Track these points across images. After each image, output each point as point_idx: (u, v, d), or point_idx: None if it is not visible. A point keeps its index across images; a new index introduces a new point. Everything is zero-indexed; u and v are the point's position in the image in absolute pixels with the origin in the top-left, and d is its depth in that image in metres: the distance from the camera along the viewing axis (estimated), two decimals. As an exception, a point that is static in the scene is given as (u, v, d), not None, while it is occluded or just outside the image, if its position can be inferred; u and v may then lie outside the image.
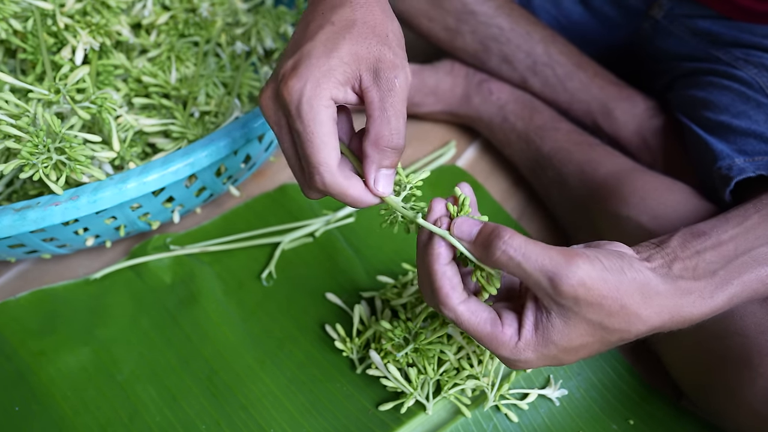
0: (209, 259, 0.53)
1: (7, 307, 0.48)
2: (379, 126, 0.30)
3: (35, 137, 0.39)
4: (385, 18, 0.32)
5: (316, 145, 0.30)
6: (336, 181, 0.31)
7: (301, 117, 0.30)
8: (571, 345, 0.30)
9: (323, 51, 0.30)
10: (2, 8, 0.45)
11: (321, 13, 0.32)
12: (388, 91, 0.30)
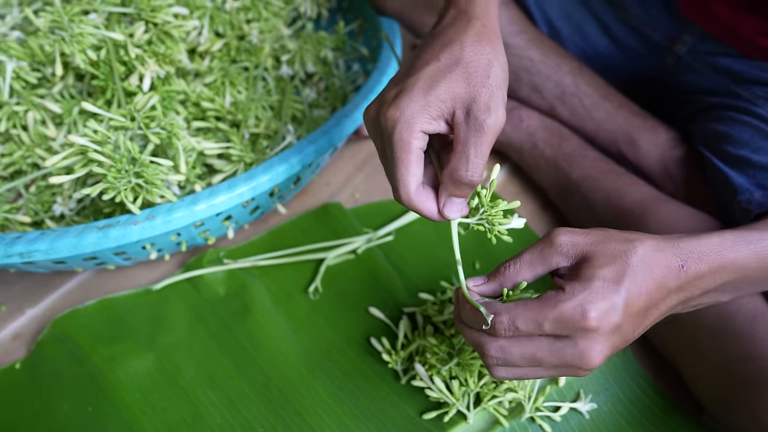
0: (258, 273, 0.56)
1: (77, 314, 0.52)
2: (458, 161, 0.34)
3: (119, 163, 0.43)
4: (491, 58, 0.34)
5: (400, 169, 0.34)
6: (411, 200, 0.35)
7: (392, 143, 0.34)
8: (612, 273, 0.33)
9: (423, 87, 0.33)
10: (81, 41, 0.49)
11: (432, 48, 0.35)
12: (476, 130, 0.33)
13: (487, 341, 0.34)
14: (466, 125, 0.34)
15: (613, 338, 0.33)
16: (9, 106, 0.52)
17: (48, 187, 0.53)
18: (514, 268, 0.35)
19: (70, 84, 0.56)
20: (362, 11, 0.73)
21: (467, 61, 0.34)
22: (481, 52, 0.35)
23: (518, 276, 0.35)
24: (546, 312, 0.32)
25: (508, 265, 0.36)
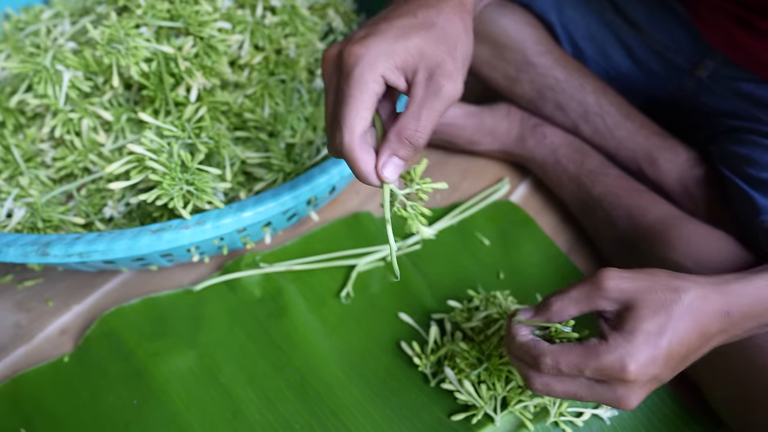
0: (292, 277, 0.59)
1: (122, 311, 0.55)
2: (409, 119, 0.33)
3: (173, 171, 0.46)
4: (462, 33, 0.35)
5: (351, 108, 0.32)
6: (353, 146, 0.33)
7: (349, 79, 0.32)
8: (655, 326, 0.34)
9: (395, 34, 0.33)
10: (136, 54, 0.52)
11: (408, 4, 0.35)
12: (433, 94, 0.33)
13: (533, 375, 0.37)
14: (425, 87, 0.33)
15: (651, 385, 0.35)
16: (64, 113, 0.55)
17: (98, 191, 0.56)
18: (560, 305, 0.36)
19: (119, 93, 0.59)
20: (392, 27, 0.76)
21: (441, 26, 0.34)
22: (456, 24, 0.35)
23: (564, 313, 0.37)
24: (588, 360, 0.34)
25: (555, 301, 0.37)
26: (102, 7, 0.61)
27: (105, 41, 0.52)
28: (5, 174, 0.56)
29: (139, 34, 0.54)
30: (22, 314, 0.57)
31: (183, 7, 0.58)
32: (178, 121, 0.52)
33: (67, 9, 0.66)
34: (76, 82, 0.55)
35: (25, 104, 0.56)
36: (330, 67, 0.35)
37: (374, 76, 0.33)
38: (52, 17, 0.66)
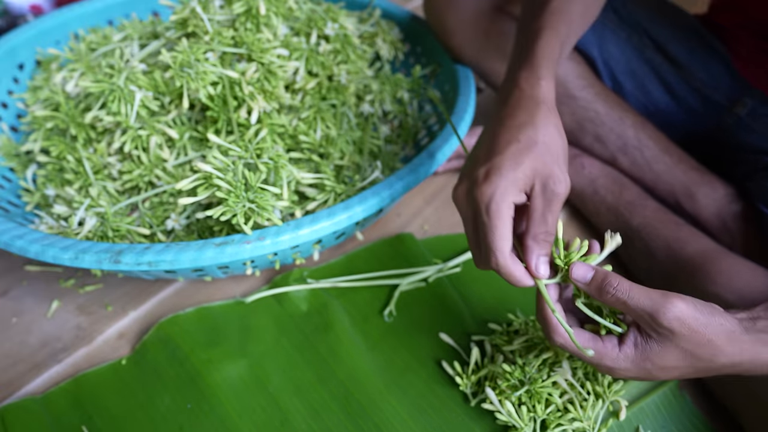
0: (337, 293, 0.62)
1: (178, 319, 0.57)
2: (539, 226, 0.39)
3: (238, 189, 0.49)
4: (559, 138, 0.41)
5: (497, 236, 0.38)
6: (507, 264, 0.39)
7: (489, 214, 0.38)
8: (665, 365, 0.38)
9: (511, 165, 0.39)
10: (204, 78, 0.56)
11: (509, 128, 0.41)
12: (550, 200, 0.39)
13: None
14: (542, 196, 0.39)
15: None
16: (134, 130, 0.59)
17: (161, 204, 0.59)
18: (617, 298, 0.38)
19: (183, 112, 0.63)
20: (436, 57, 0.79)
21: (542, 141, 0.40)
22: (551, 133, 0.41)
23: (617, 304, 0.38)
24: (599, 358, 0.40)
25: (616, 290, 0.38)
26: (171, 32, 0.65)
27: (177, 65, 0.56)
28: (76, 185, 0.60)
29: (206, 59, 0.58)
30: (83, 317, 0.60)
31: (246, 34, 0.62)
32: (242, 141, 0.55)
33: (137, 32, 0.71)
34: (146, 102, 0.59)
35: (98, 120, 0.60)
36: (463, 203, 0.41)
37: (507, 206, 0.39)
38: (122, 39, 0.71)
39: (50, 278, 0.64)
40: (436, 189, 0.76)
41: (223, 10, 0.65)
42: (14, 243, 0.49)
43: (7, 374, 0.55)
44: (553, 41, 0.46)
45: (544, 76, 0.43)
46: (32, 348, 0.57)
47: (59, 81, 0.67)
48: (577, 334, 0.40)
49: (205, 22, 0.60)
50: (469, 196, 0.40)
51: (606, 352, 0.39)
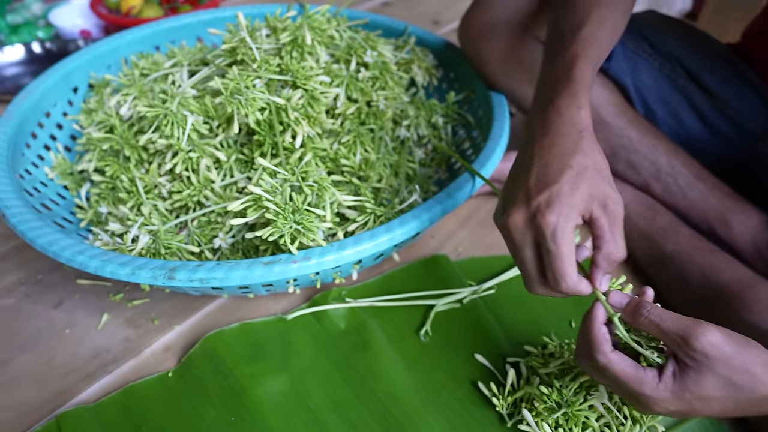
0: (373, 312, 0.63)
1: (223, 334, 0.60)
2: (610, 245, 0.41)
3: (286, 211, 0.52)
4: (603, 160, 0.43)
5: (566, 261, 0.40)
6: (576, 286, 0.41)
7: (555, 241, 0.40)
8: (704, 394, 0.38)
9: (569, 191, 0.40)
10: (253, 104, 0.59)
11: (558, 157, 0.42)
12: (614, 219, 0.41)
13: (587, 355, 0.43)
14: (606, 217, 0.41)
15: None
16: (185, 152, 0.62)
17: (208, 223, 0.62)
18: (651, 322, 0.40)
19: (230, 136, 0.66)
20: (469, 83, 0.81)
21: (592, 165, 0.42)
22: (597, 157, 0.43)
23: (650, 329, 0.40)
24: (631, 383, 0.40)
25: (651, 316, 0.40)
26: (220, 60, 0.68)
27: (229, 92, 0.59)
28: (129, 203, 0.63)
29: (254, 86, 0.61)
30: (131, 330, 0.63)
31: (292, 62, 0.65)
32: (288, 165, 0.58)
33: (186, 59, 0.75)
34: (197, 126, 0.62)
35: (151, 142, 0.64)
36: (521, 231, 0.42)
37: (570, 230, 0.40)
38: (172, 65, 0.75)
39: (100, 292, 0.67)
40: (469, 212, 0.78)
41: (269, 39, 0.69)
42: (75, 258, 0.52)
43: (61, 383, 0.57)
44: (588, 69, 0.47)
45: (583, 105, 0.45)
46: (84, 359, 0.60)
47: (113, 104, 0.71)
48: (619, 358, 0.41)
49: (253, 51, 0.64)
50: (530, 224, 0.41)
51: (646, 379, 0.40)
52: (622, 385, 0.41)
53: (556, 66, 0.49)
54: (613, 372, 0.41)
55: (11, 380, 0.58)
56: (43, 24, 1.18)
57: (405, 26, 0.89)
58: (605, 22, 0.50)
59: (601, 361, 0.41)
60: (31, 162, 0.71)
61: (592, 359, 0.42)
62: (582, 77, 0.47)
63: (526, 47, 0.70)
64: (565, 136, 0.43)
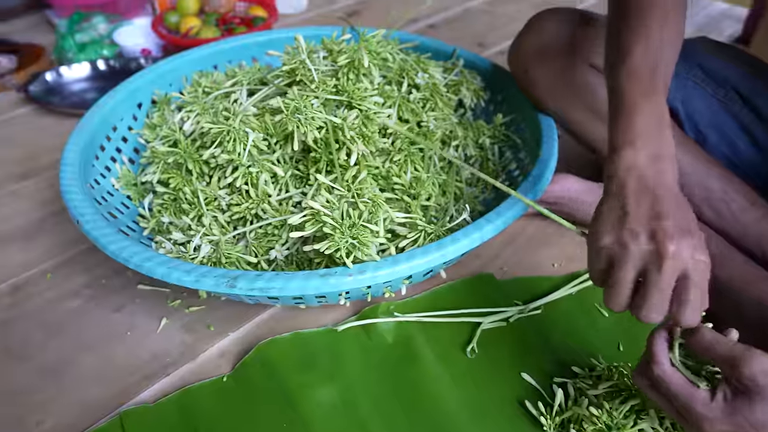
0: (420, 327, 0.64)
1: (276, 342, 0.62)
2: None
3: (342, 226, 0.54)
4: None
5: (664, 294, 0.42)
6: (662, 317, 0.43)
7: (665, 273, 0.41)
8: (756, 419, 0.39)
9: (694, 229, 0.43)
10: (312, 123, 0.62)
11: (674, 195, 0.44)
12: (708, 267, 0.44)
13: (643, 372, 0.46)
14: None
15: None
16: (245, 167, 0.65)
17: (265, 235, 0.64)
18: (705, 347, 0.42)
19: (287, 152, 0.69)
20: (517, 105, 0.83)
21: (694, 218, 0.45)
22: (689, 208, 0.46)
23: (704, 353, 0.42)
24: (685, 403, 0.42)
25: (706, 341, 0.42)
26: (279, 80, 0.72)
27: (290, 112, 0.62)
28: (191, 214, 0.66)
29: (311, 105, 0.64)
30: (188, 335, 0.65)
31: (348, 83, 0.68)
32: (343, 182, 0.60)
33: (245, 78, 0.79)
34: (257, 142, 0.65)
35: (213, 157, 0.67)
36: (632, 253, 0.43)
37: (679, 269, 0.42)
38: (232, 84, 0.78)
39: (159, 297, 0.70)
40: (515, 232, 0.78)
41: (326, 61, 0.72)
42: (143, 264, 0.55)
43: (123, 382, 0.60)
44: (664, 106, 0.49)
45: (671, 158, 0.47)
46: (144, 360, 0.63)
47: (177, 120, 0.75)
48: (674, 371, 0.42)
49: (312, 73, 0.67)
50: (644, 250, 0.42)
51: (698, 396, 0.41)
52: (675, 400, 0.42)
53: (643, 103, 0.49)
54: (667, 385, 0.42)
55: (77, 378, 0.61)
56: (108, 42, 1.25)
57: (453, 49, 0.92)
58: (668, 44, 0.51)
59: (657, 372, 0.42)
60: (100, 173, 0.75)
61: (648, 372, 0.43)
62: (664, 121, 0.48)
63: (576, 70, 0.71)
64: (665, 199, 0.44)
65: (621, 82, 0.50)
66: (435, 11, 1.51)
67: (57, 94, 1.15)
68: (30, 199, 0.87)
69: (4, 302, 0.70)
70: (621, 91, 0.50)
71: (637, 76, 0.50)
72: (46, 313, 0.69)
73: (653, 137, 0.46)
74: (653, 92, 0.48)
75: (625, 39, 0.52)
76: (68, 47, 1.23)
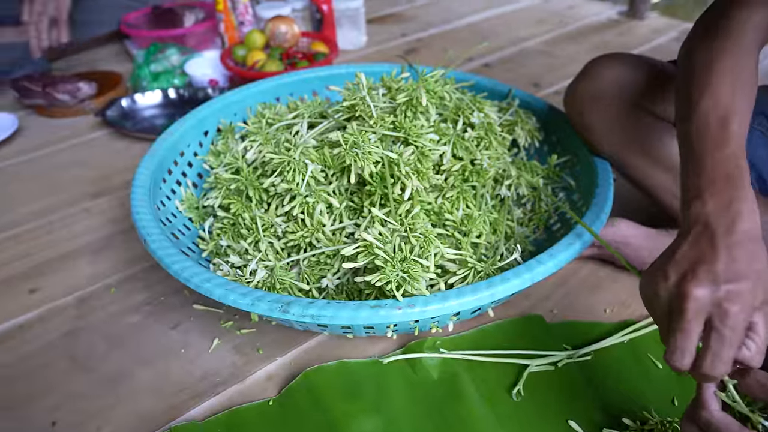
0: (466, 365, 0.64)
1: (322, 370, 0.63)
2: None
3: (394, 259, 0.55)
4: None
5: (731, 351, 0.41)
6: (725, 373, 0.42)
7: (734, 330, 0.41)
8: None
9: (754, 290, 0.42)
10: (370, 157, 0.64)
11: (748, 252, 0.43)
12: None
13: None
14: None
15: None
16: (302, 197, 0.67)
17: (317, 263, 0.66)
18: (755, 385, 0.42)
19: (342, 184, 0.71)
20: (571, 147, 0.83)
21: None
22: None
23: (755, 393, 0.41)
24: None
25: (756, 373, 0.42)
26: (338, 115, 0.75)
27: (348, 146, 0.65)
28: (249, 239, 0.69)
29: (369, 140, 0.66)
30: (238, 356, 0.68)
31: (405, 120, 0.70)
32: (397, 216, 0.62)
33: (307, 111, 0.82)
34: (315, 173, 0.68)
35: (273, 186, 0.70)
36: (700, 306, 0.43)
37: (745, 325, 0.42)
38: (294, 117, 0.82)
39: (213, 318, 0.73)
40: (567, 275, 0.77)
41: (385, 97, 0.74)
42: (203, 285, 0.58)
43: (175, 398, 0.63)
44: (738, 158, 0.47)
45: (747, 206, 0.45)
46: (195, 378, 0.65)
47: (241, 149, 0.79)
48: (724, 416, 0.41)
49: (371, 109, 0.69)
50: (714, 304, 0.42)
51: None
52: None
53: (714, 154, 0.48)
54: (716, 428, 0.41)
55: (134, 390, 0.64)
56: (179, 73, 1.33)
57: (509, 89, 0.93)
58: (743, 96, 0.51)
59: (705, 417, 0.42)
60: (166, 195, 0.80)
61: (697, 417, 0.42)
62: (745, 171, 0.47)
63: (634, 116, 0.71)
64: (750, 237, 0.43)
65: (691, 135, 0.50)
66: (491, 51, 1.53)
67: (130, 119, 1.23)
68: (101, 217, 0.93)
69: (71, 313, 0.75)
70: (691, 144, 0.49)
71: (706, 129, 0.49)
72: (109, 326, 0.72)
73: (724, 188, 0.45)
74: (724, 144, 0.47)
75: (694, 91, 0.52)
76: (143, 76, 1.32)
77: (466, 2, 1.93)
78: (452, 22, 1.75)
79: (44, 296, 0.77)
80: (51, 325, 0.73)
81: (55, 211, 0.95)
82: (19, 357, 0.69)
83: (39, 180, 1.04)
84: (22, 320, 0.74)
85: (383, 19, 1.81)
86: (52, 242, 0.88)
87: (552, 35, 1.62)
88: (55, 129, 1.22)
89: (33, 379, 0.66)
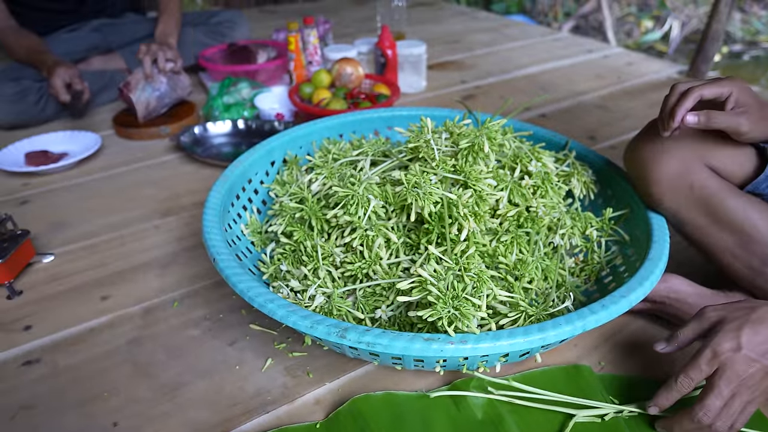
0: (511, 408, 0.65)
1: (369, 399, 0.65)
2: None
3: (446, 296, 0.57)
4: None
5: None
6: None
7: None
8: None
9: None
10: (430, 197, 0.67)
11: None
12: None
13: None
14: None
15: None
16: (363, 230, 0.71)
17: (372, 294, 0.69)
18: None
19: (401, 220, 0.74)
20: (627, 201, 0.83)
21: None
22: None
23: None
24: None
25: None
26: (401, 154, 0.79)
27: (410, 185, 0.68)
28: (309, 266, 0.73)
29: (430, 181, 0.69)
30: (288, 378, 0.70)
31: (465, 165, 0.73)
32: (452, 255, 0.64)
33: (370, 149, 0.87)
34: (376, 208, 0.71)
35: (335, 217, 0.74)
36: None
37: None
38: (358, 154, 0.87)
39: (267, 339, 0.76)
40: (616, 328, 0.77)
41: (447, 141, 0.78)
42: (266, 305, 0.62)
43: (228, 412, 0.66)
44: None
45: None
46: (248, 394, 0.68)
47: (306, 180, 0.84)
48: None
49: (435, 152, 0.73)
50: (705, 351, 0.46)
51: None
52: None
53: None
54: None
55: (189, 401, 0.67)
56: (249, 105, 1.42)
57: (566, 140, 0.95)
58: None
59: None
60: (233, 218, 0.85)
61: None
62: None
63: (695, 175, 0.72)
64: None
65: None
66: (549, 102, 1.56)
67: (201, 145, 1.32)
68: (169, 234, 0.99)
69: (137, 322, 0.80)
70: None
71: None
72: (170, 337, 0.77)
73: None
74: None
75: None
76: (216, 106, 1.41)
77: (526, 54, 1.98)
78: (511, 72, 1.80)
79: (114, 304, 0.83)
80: (118, 332, 0.78)
81: (128, 225, 1.02)
82: (88, 359, 0.74)
83: (116, 196, 1.12)
84: (94, 324, 0.79)
85: (443, 65, 1.88)
86: (125, 254, 0.94)
87: (609, 90, 1.64)
88: (133, 150, 1.31)
89: (99, 380, 0.70)
